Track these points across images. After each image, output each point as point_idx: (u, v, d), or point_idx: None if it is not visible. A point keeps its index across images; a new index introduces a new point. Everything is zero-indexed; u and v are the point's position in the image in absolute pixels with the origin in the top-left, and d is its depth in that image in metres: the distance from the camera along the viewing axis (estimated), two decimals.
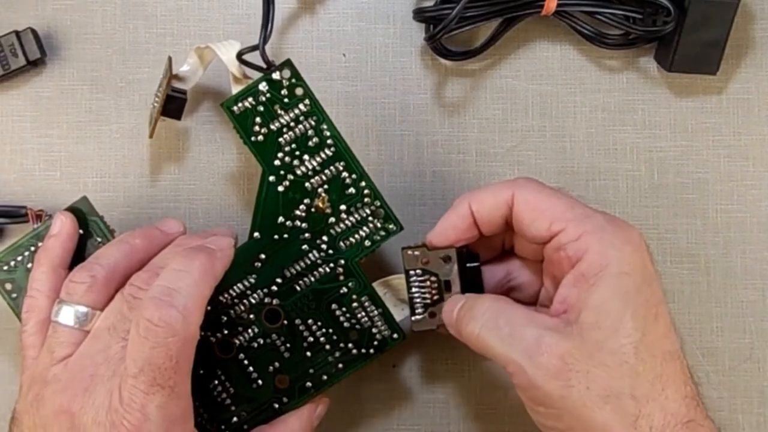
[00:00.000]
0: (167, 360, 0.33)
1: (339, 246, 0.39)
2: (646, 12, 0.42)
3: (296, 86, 0.38)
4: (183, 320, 0.33)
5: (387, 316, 0.40)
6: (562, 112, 0.44)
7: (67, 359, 0.35)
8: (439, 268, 0.39)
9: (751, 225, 0.44)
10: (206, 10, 0.44)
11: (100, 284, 0.36)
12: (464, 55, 0.43)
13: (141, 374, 0.33)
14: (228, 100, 0.39)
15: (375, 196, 0.39)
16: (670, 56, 0.42)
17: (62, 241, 0.39)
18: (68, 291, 0.37)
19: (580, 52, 0.44)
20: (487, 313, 0.36)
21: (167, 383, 0.33)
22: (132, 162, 0.44)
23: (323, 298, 0.40)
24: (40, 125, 0.44)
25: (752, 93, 0.44)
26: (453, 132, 0.44)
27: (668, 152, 0.44)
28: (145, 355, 0.33)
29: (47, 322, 0.37)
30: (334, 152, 0.39)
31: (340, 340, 0.40)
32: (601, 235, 0.35)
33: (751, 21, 0.44)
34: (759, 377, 0.44)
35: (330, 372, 0.40)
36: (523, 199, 0.37)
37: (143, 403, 0.33)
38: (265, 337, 0.40)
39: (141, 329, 0.33)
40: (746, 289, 0.44)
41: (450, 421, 0.44)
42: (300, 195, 0.39)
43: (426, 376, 0.44)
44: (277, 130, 0.39)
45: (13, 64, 0.43)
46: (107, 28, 0.44)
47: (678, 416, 0.33)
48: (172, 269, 0.35)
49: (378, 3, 0.44)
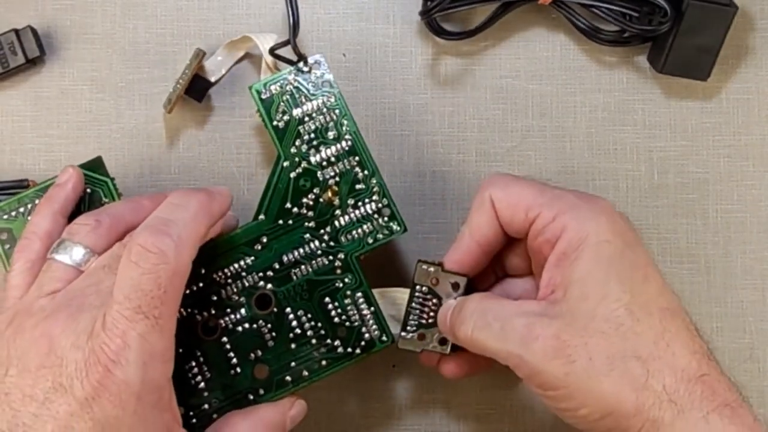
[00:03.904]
0: (156, 288, 0.33)
1: (341, 239, 0.40)
2: (643, 11, 0.42)
3: (324, 80, 0.40)
4: (175, 249, 0.33)
5: (378, 317, 0.40)
6: (562, 112, 0.44)
7: (55, 293, 0.35)
8: (446, 293, 0.39)
9: (751, 225, 0.44)
10: (206, 10, 0.44)
11: (104, 229, 0.36)
12: (459, 36, 0.43)
13: (126, 300, 0.32)
14: (257, 83, 0.40)
15: (384, 194, 0.40)
16: (663, 58, 0.42)
17: (66, 191, 0.39)
18: (70, 231, 0.36)
19: (581, 52, 0.44)
20: (475, 313, 0.36)
21: (152, 312, 0.33)
22: (132, 162, 0.44)
23: (317, 290, 0.40)
24: (40, 125, 0.44)
25: (752, 93, 0.44)
26: (453, 132, 0.44)
27: (668, 152, 0.44)
28: (133, 282, 0.32)
29: (37, 264, 0.36)
30: (350, 147, 0.40)
31: (328, 335, 0.39)
32: (575, 212, 0.35)
33: (751, 21, 0.44)
34: (759, 377, 0.44)
35: (312, 368, 0.39)
36: (497, 197, 0.37)
37: (125, 330, 0.32)
38: (252, 323, 0.39)
39: (132, 254, 0.33)
40: (746, 289, 0.44)
41: (450, 421, 0.44)
42: (311, 183, 0.40)
43: (426, 376, 0.44)
44: (299, 118, 0.40)
45: (12, 63, 0.43)
46: (107, 28, 0.44)
47: (689, 372, 0.33)
48: (169, 203, 0.35)
49: (378, 3, 0.44)
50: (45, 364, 0.32)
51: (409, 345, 0.39)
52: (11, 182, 0.42)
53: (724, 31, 0.42)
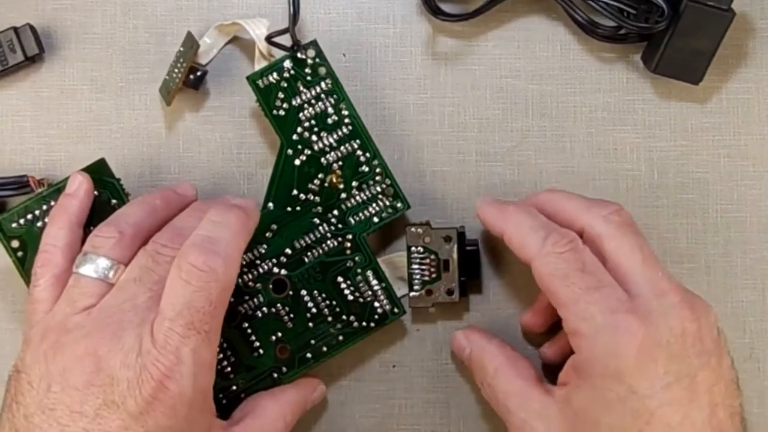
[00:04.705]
0: (207, 304, 0.34)
1: (348, 221, 0.41)
2: (641, 9, 0.42)
3: (319, 66, 0.41)
4: (224, 266, 0.35)
5: (389, 291, 0.41)
6: (562, 112, 0.44)
7: (90, 309, 0.35)
8: (440, 247, 0.41)
9: (751, 225, 0.44)
10: (206, 10, 0.44)
11: (127, 240, 0.37)
12: (455, 17, 0.43)
13: (179, 317, 0.33)
14: (254, 74, 0.41)
15: (386, 174, 0.41)
16: (657, 57, 0.42)
17: (79, 200, 0.39)
18: (94, 244, 0.37)
19: (581, 52, 0.44)
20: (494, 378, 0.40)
21: (203, 327, 0.34)
22: (132, 162, 0.44)
23: (329, 271, 0.41)
24: (40, 125, 0.44)
25: (752, 93, 0.44)
26: (453, 132, 0.44)
27: (668, 152, 0.44)
28: (185, 299, 0.34)
29: (62, 277, 0.37)
30: (350, 131, 0.41)
31: (343, 312, 0.41)
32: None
33: (750, 22, 0.44)
34: (759, 377, 0.44)
35: (330, 344, 0.41)
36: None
37: (178, 346, 0.33)
38: (270, 307, 0.41)
39: (183, 273, 0.34)
40: (746, 289, 0.44)
41: (450, 421, 0.44)
42: (315, 169, 0.41)
43: (426, 376, 0.44)
44: (298, 105, 0.41)
45: (11, 60, 0.43)
46: (107, 28, 0.44)
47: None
48: (210, 221, 0.36)
49: (378, 3, 0.44)
50: (94, 383, 0.33)
51: (420, 302, 0.41)
52: (11, 178, 0.42)
53: (720, 36, 0.41)
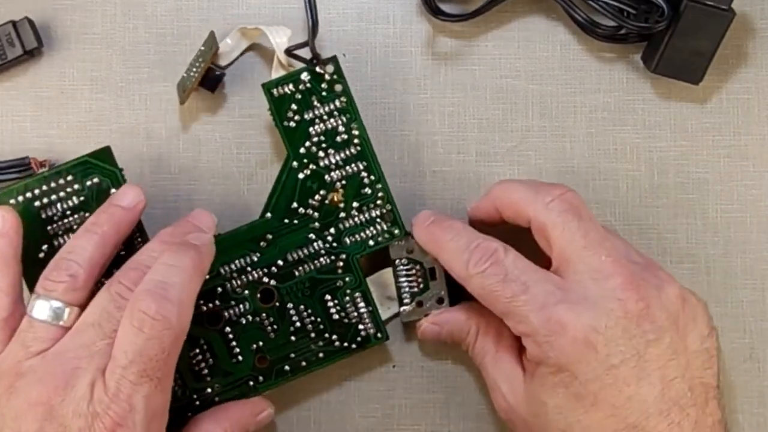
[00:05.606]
0: (160, 352, 0.33)
1: (344, 241, 0.41)
2: (641, 9, 0.42)
3: (336, 82, 0.41)
4: (178, 314, 0.34)
5: (375, 315, 0.41)
6: (562, 112, 0.44)
7: (44, 352, 0.35)
8: (423, 256, 0.41)
9: (751, 225, 0.44)
10: (206, 10, 0.44)
11: (81, 283, 0.36)
12: (455, 17, 0.43)
13: (132, 365, 0.33)
14: (269, 82, 0.41)
15: (388, 200, 0.41)
16: (656, 57, 0.42)
17: (9, 238, 0.38)
18: (46, 288, 0.36)
19: (581, 52, 0.44)
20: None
21: (156, 374, 0.34)
22: (132, 162, 0.44)
23: (318, 288, 0.41)
24: (40, 125, 0.44)
25: (752, 93, 0.44)
26: (453, 132, 0.44)
27: (668, 152, 0.44)
28: (138, 347, 0.33)
29: (10, 320, 0.36)
30: (358, 152, 0.41)
31: (326, 330, 0.41)
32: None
33: (750, 22, 0.44)
34: (759, 377, 0.44)
35: (310, 359, 0.41)
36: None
37: (130, 394, 0.33)
38: (255, 315, 0.41)
39: (135, 321, 0.33)
40: (746, 289, 0.44)
41: (450, 421, 0.44)
42: (318, 185, 0.41)
43: (426, 376, 0.44)
44: (310, 120, 0.40)
45: (9, 54, 0.43)
46: (107, 28, 0.44)
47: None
48: (164, 263, 0.35)
49: (378, 3, 0.44)
50: (45, 430, 0.33)
51: (412, 315, 0.41)
52: (13, 161, 0.42)
53: (720, 36, 0.41)
